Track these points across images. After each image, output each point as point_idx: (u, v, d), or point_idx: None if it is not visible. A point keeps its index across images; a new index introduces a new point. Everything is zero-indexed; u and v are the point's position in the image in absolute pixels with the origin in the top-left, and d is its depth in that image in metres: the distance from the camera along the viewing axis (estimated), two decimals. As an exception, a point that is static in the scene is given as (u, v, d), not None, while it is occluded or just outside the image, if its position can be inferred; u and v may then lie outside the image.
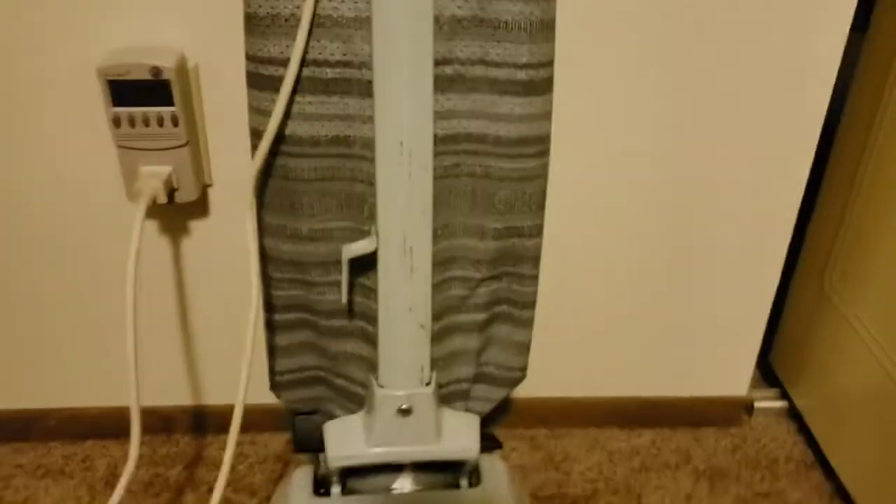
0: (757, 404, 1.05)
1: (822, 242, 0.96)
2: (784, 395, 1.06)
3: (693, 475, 0.95)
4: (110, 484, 0.92)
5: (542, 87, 0.64)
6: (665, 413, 1.02)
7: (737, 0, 0.71)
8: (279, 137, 0.65)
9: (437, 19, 0.59)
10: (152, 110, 0.73)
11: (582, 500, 0.91)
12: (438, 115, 0.63)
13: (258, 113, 0.64)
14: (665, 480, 0.95)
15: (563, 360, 0.96)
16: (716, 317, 0.94)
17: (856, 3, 0.71)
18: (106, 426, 0.96)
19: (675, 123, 0.78)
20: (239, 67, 0.71)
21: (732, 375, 1.00)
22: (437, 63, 0.60)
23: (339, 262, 0.68)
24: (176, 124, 0.75)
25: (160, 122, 0.74)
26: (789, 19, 0.72)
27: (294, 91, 0.62)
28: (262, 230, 0.70)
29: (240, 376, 0.69)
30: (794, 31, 0.73)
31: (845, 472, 0.92)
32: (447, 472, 0.77)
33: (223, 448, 0.97)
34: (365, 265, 0.69)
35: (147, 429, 0.95)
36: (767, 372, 1.10)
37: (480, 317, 0.75)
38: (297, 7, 0.60)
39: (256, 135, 0.65)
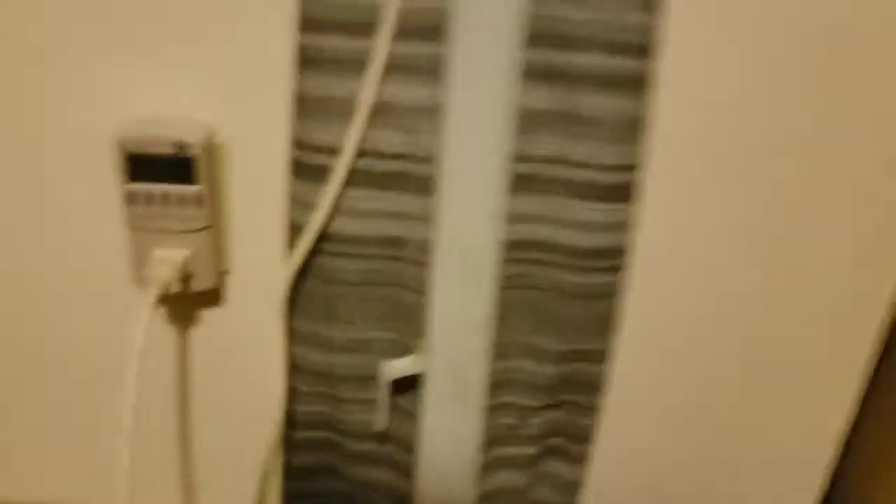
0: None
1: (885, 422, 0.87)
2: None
3: None
4: None
5: (626, 192, 0.56)
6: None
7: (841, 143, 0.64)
8: (321, 234, 0.56)
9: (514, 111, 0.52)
10: (173, 188, 0.66)
11: None
12: (506, 218, 0.55)
13: (300, 205, 0.56)
14: None
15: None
16: (778, 460, 0.85)
17: None
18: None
19: (770, 243, 0.70)
20: (274, 148, 0.64)
21: None
22: (510, 159, 0.53)
23: (374, 378, 0.59)
24: (198, 205, 0.68)
25: (180, 203, 0.67)
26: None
27: (344, 184, 0.54)
28: (290, 335, 0.61)
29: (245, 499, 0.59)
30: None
31: None
32: None
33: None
34: (406, 385, 0.59)
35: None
36: None
37: (532, 450, 0.65)
38: (355, 90, 0.53)
39: (295, 229, 0.57)
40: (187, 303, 0.75)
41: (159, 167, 0.65)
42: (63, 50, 0.62)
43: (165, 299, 0.75)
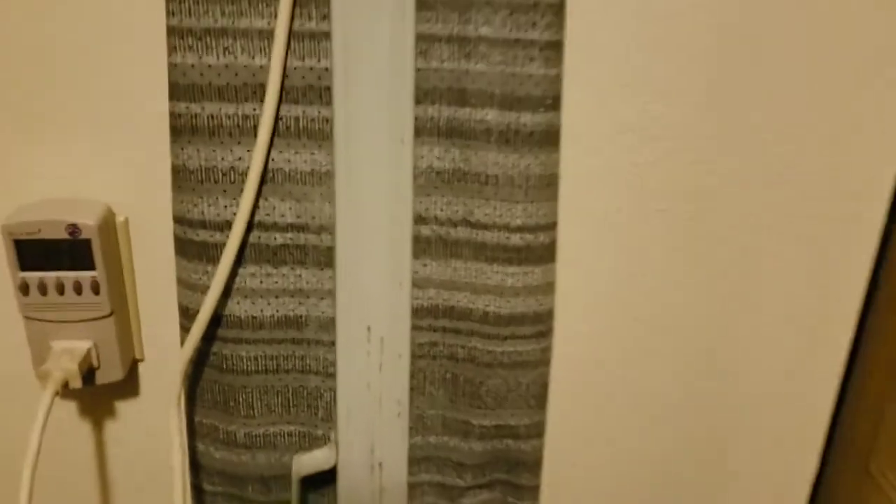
0: None
1: (862, 420, 0.84)
2: None
3: None
4: None
5: (542, 254, 0.53)
6: None
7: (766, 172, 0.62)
8: (214, 318, 0.51)
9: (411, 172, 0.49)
10: (68, 275, 0.62)
11: None
12: (412, 284, 0.51)
13: (188, 288, 0.52)
14: None
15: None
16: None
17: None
18: None
19: (698, 299, 0.67)
20: (169, 225, 0.60)
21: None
22: (411, 223, 0.49)
23: (283, 477, 0.53)
24: (97, 292, 0.63)
25: (78, 290, 0.62)
26: (826, 189, 0.63)
27: (234, 262, 0.50)
28: (191, 432, 0.56)
29: None
30: (831, 201, 0.64)
31: None
32: None
33: None
34: (321, 480, 0.54)
35: None
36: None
37: (467, 538, 0.60)
38: (239, 159, 0.49)
39: (186, 314, 0.52)
40: (95, 396, 0.69)
41: (53, 253, 0.61)
42: None
43: (69, 395, 0.70)
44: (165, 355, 0.67)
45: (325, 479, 0.52)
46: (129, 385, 0.68)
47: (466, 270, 0.53)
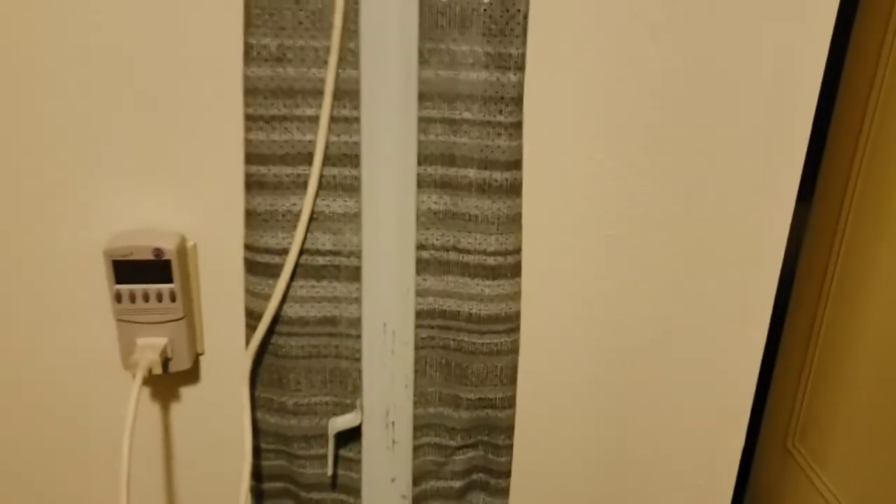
0: (731, 566, 1.05)
1: (783, 404, 1.01)
2: (758, 557, 1.07)
3: None
4: None
5: (510, 271, 0.72)
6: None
7: (691, 200, 0.80)
8: (273, 318, 0.71)
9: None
10: (152, 287, 0.78)
11: None
12: (416, 293, 0.70)
13: (254, 296, 0.71)
14: None
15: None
16: (686, 480, 0.97)
17: (799, 175, 0.81)
18: None
19: (634, 301, 0.85)
20: (233, 249, 0.78)
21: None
22: (415, 249, 0.68)
23: (321, 436, 0.72)
24: (174, 300, 0.79)
25: (159, 298, 0.79)
26: (740, 192, 0.81)
27: (289, 277, 0.69)
28: (252, 403, 0.74)
29: None
30: (744, 203, 0.82)
31: None
32: None
33: None
34: (348, 437, 0.73)
35: None
36: (740, 532, 1.12)
37: (457, 484, 0.79)
38: (294, 204, 0.68)
39: (252, 315, 0.71)
40: (168, 382, 0.86)
41: (141, 270, 0.77)
42: (63, 181, 0.76)
43: (149, 381, 0.87)
44: (221, 350, 0.84)
45: (353, 436, 0.71)
46: (193, 373, 0.86)
47: (455, 283, 0.72)
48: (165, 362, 0.81)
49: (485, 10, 0.63)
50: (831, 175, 0.91)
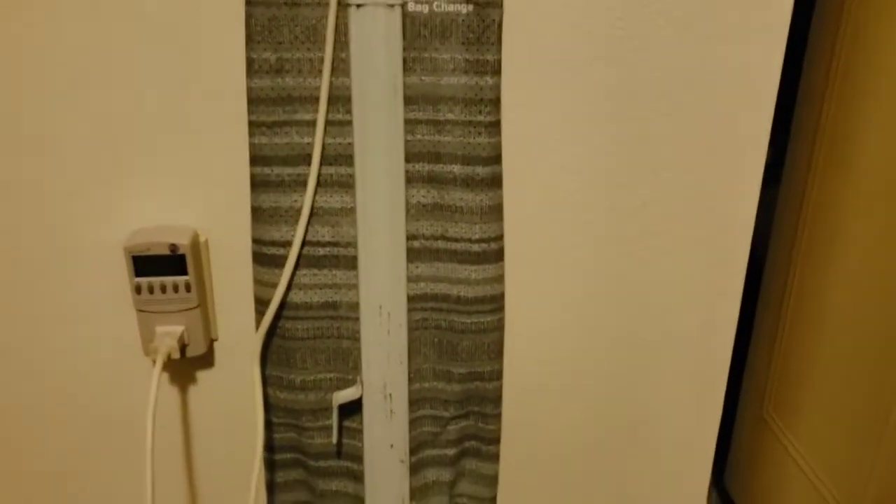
0: (715, 527, 1.13)
1: (758, 374, 1.08)
2: (739, 517, 1.14)
3: None
4: None
5: (494, 256, 0.79)
6: (630, 539, 1.09)
7: (660, 179, 0.87)
8: (280, 304, 0.78)
9: (405, 205, 0.75)
10: (169, 279, 0.84)
11: None
12: (408, 279, 0.78)
13: (262, 284, 0.78)
14: None
15: (534, 494, 1.04)
16: (669, 448, 1.03)
17: (764, 159, 0.87)
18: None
19: (615, 278, 0.92)
20: (241, 242, 0.84)
21: (689, 500, 1.09)
22: (406, 238, 0.75)
23: (326, 410, 0.80)
24: (189, 290, 0.86)
25: (175, 289, 0.85)
26: (708, 176, 0.88)
27: (293, 267, 0.77)
28: (262, 381, 0.82)
29: None
30: (713, 187, 0.88)
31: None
32: None
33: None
34: (351, 410, 0.80)
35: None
36: (723, 495, 1.19)
37: (451, 451, 0.86)
38: (295, 201, 0.76)
39: (261, 302, 0.78)
40: (185, 367, 0.93)
41: (158, 264, 0.83)
42: (85, 184, 0.83)
43: (168, 366, 0.94)
44: (233, 336, 0.91)
45: (355, 409, 0.78)
46: (208, 357, 0.93)
47: (444, 269, 0.79)
48: (183, 348, 0.87)
49: (463, 20, 0.70)
50: (795, 161, 0.97)
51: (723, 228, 0.90)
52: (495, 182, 0.76)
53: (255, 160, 0.74)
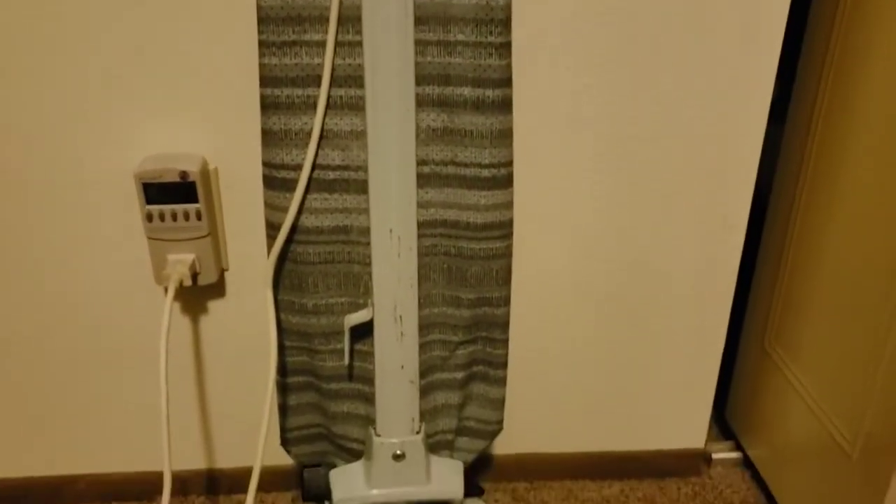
0: (714, 456, 1.16)
1: (760, 306, 1.10)
2: (738, 447, 1.17)
3: (659, 520, 1.06)
4: (131, 541, 1.01)
5: (503, 182, 0.79)
6: (632, 466, 1.13)
7: (668, 112, 0.87)
8: (291, 228, 0.79)
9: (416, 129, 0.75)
10: (180, 207, 0.85)
11: (559, 545, 1.01)
12: (418, 205, 0.78)
13: (273, 208, 0.79)
14: (634, 526, 1.05)
15: (540, 419, 1.07)
16: (672, 378, 1.06)
17: (770, 98, 0.87)
18: (129, 490, 1.06)
19: (623, 210, 0.92)
20: (250, 171, 0.85)
21: (691, 430, 1.12)
22: (416, 164, 0.75)
23: (338, 333, 0.81)
24: (200, 218, 0.87)
25: (186, 217, 0.86)
26: (716, 109, 0.88)
27: (304, 191, 0.77)
28: (275, 306, 0.83)
29: (254, 435, 0.79)
30: (720, 120, 0.89)
31: (792, 511, 1.03)
32: (436, 515, 0.88)
33: (233, 507, 1.07)
34: (362, 333, 0.82)
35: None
36: (724, 424, 1.22)
37: (460, 375, 0.88)
38: (305, 123, 0.76)
39: (272, 226, 0.79)
40: (195, 296, 0.95)
41: (169, 191, 0.84)
42: (96, 113, 0.83)
43: (178, 295, 0.95)
44: (243, 265, 0.93)
45: (366, 333, 0.79)
46: (218, 287, 0.95)
47: (454, 195, 0.79)
48: (194, 277, 0.89)
49: (474, -63, 0.69)
50: (802, 95, 0.97)
51: (730, 160, 0.91)
52: (505, 105, 0.76)
53: (264, 81, 0.74)
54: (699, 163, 0.90)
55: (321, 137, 0.75)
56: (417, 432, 0.81)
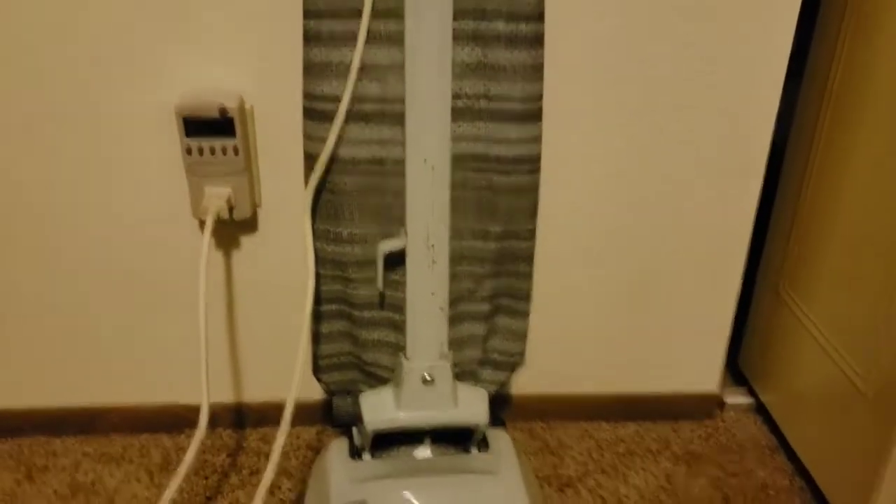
0: (728, 401, 1.19)
1: (776, 253, 1.12)
2: (751, 392, 1.20)
3: (672, 459, 1.09)
4: (164, 469, 1.06)
5: (533, 116, 0.82)
6: (647, 408, 1.16)
7: (695, 63, 0.89)
8: (329, 159, 0.82)
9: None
10: (218, 141, 0.88)
11: (575, 479, 1.05)
12: (451, 138, 0.81)
13: (311, 140, 0.82)
14: (647, 463, 1.08)
15: (558, 361, 1.11)
16: (688, 322, 1.09)
17: (788, 53, 0.89)
18: (160, 421, 1.10)
19: (645, 153, 0.95)
20: (286, 109, 0.86)
21: (705, 374, 1.15)
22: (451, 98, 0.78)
23: (371, 262, 0.84)
24: (237, 153, 0.89)
25: (224, 152, 0.89)
26: (732, 62, 0.90)
27: (342, 122, 0.80)
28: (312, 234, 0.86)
29: (283, 368, 0.81)
30: (741, 67, 0.91)
31: (804, 454, 1.06)
32: (459, 442, 0.92)
33: (261, 439, 1.11)
34: (394, 263, 0.85)
35: (193, 424, 1.08)
36: (737, 372, 1.25)
37: (486, 307, 0.91)
38: (345, 56, 0.78)
39: (310, 157, 0.82)
40: (230, 231, 0.98)
41: (208, 126, 0.87)
42: (136, 48, 0.85)
43: (213, 229, 0.97)
44: (275, 203, 0.95)
45: (398, 262, 0.83)
46: (251, 222, 0.98)
47: (486, 128, 0.82)
48: (230, 210, 0.92)
49: None
50: (820, 45, 0.99)
51: (749, 105, 0.93)
52: (538, 40, 0.79)
53: (307, 13, 0.77)
54: (720, 107, 0.93)
55: (360, 69, 0.78)
56: (445, 357, 0.85)
